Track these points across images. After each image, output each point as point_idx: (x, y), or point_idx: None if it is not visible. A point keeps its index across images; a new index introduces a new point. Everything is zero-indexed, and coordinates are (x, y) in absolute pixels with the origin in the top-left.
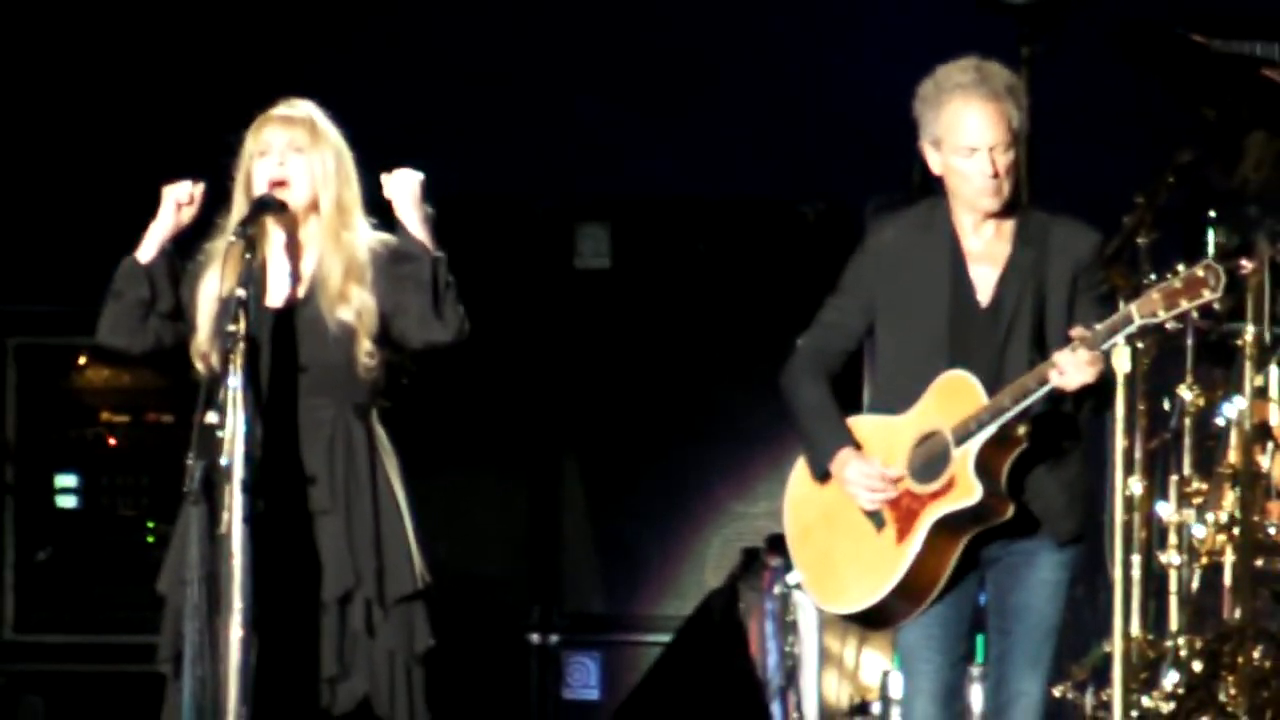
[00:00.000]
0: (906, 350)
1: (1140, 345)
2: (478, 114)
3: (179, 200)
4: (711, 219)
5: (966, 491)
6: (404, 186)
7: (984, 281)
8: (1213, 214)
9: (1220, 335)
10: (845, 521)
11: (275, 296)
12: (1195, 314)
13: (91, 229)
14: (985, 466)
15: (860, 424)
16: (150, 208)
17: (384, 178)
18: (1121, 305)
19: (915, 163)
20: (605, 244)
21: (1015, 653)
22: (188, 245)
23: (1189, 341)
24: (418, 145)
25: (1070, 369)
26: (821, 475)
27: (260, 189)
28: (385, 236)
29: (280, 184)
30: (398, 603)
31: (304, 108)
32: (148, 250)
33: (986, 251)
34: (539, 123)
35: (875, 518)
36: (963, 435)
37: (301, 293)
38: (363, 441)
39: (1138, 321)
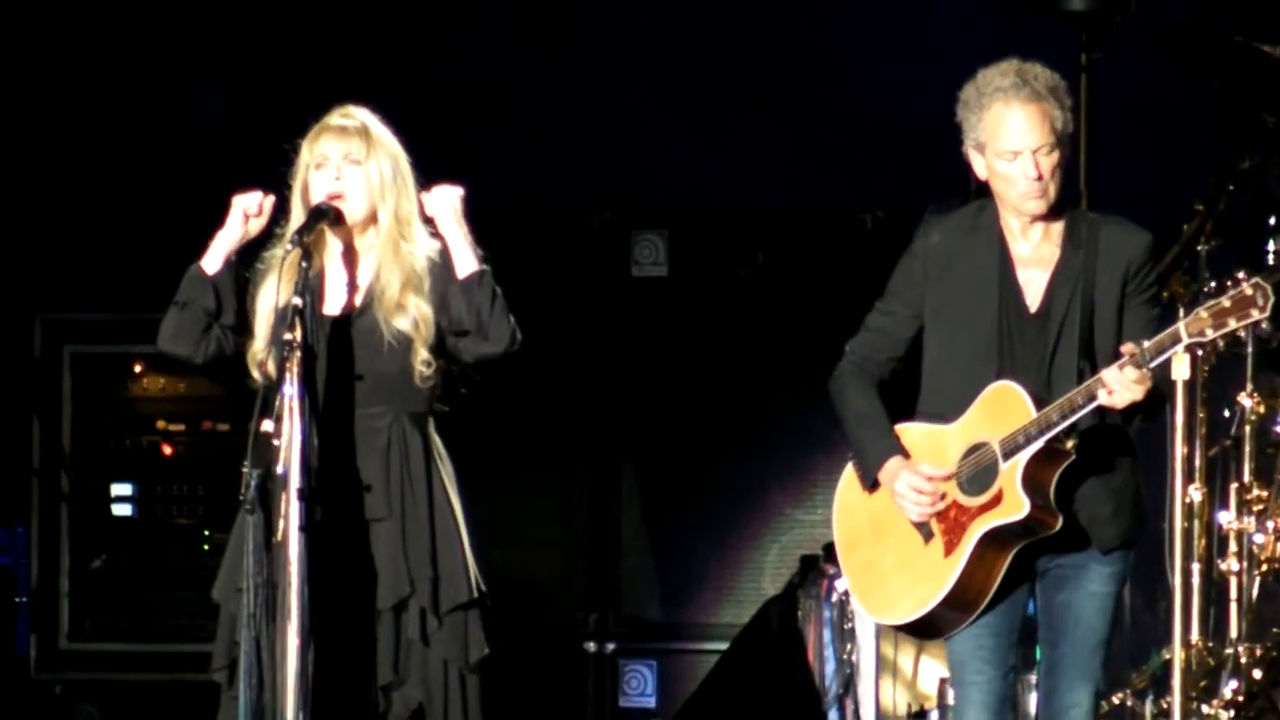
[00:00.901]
0: (954, 355)
1: (1200, 352)
2: (536, 125)
3: (248, 211)
4: (769, 228)
5: (1015, 506)
6: (445, 202)
7: (1033, 286)
8: (1273, 221)
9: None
10: (893, 531)
11: (333, 305)
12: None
13: (148, 237)
14: (1033, 480)
15: (908, 432)
16: (207, 216)
17: (423, 195)
18: (1182, 313)
19: (971, 170)
20: (663, 252)
21: (1065, 665)
22: (246, 253)
23: (1249, 349)
24: (476, 156)
25: (1118, 387)
26: (871, 484)
27: (317, 199)
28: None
29: (337, 197)
30: (452, 611)
31: (359, 116)
32: (214, 260)
33: (1035, 255)
34: (597, 133)
35: (923, 529)
36: (1011, 449)
37: (359, 302)
38: (419, 450)
39: (1185, 341)
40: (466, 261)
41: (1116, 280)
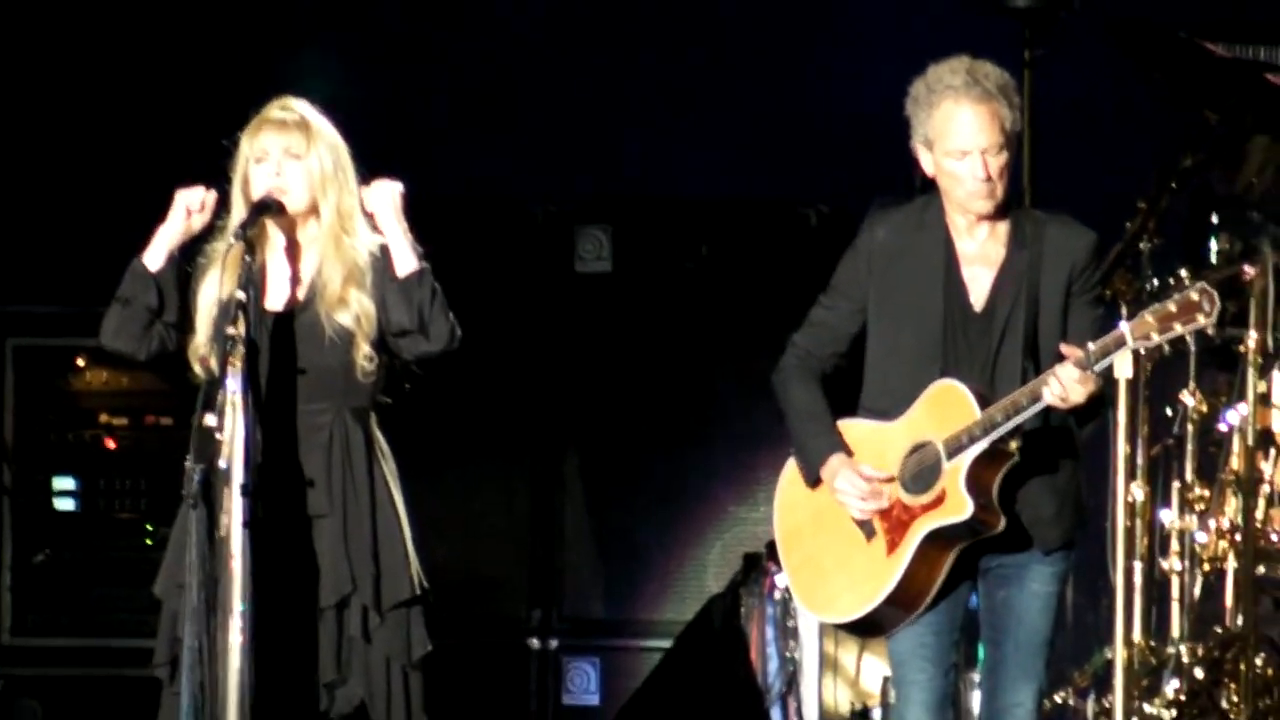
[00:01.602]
0: (898, 352)
1: (1143, 351)
2: (478, 117)
3: (190, 206)
4: (713, 221)
5: (958, 507)
6: (385, 198)
7: (978, 284)
8: (1215, 219)
9: (1223, 341)
10: (835, 528)
11: (274, 299)
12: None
13: (91, 230)
14: (976, 481)
15: (851, 429)
16: (150, 209)
17: (364, 190)
18: (1124, 310)
19: (918, 165)
20: (606, 247)
21: (1007, 664)
22: (187, 247)
23: (1192, 347)
24: (418, 148)
25: (1063, 387)
26: (813, 480)
27: (259, 194)
28: (383, 239)
29: (279, 192)
30: (394, 608)
31: (299, 109)
32: (156, 256)
33: (980, 253)
34: (539, 125)
35: (865, 527)
36: (954, 448)
37: (301, 296)
38: (361, 446)
39: (1130, 344)
40: (406, 259)
41: (1061, 280)
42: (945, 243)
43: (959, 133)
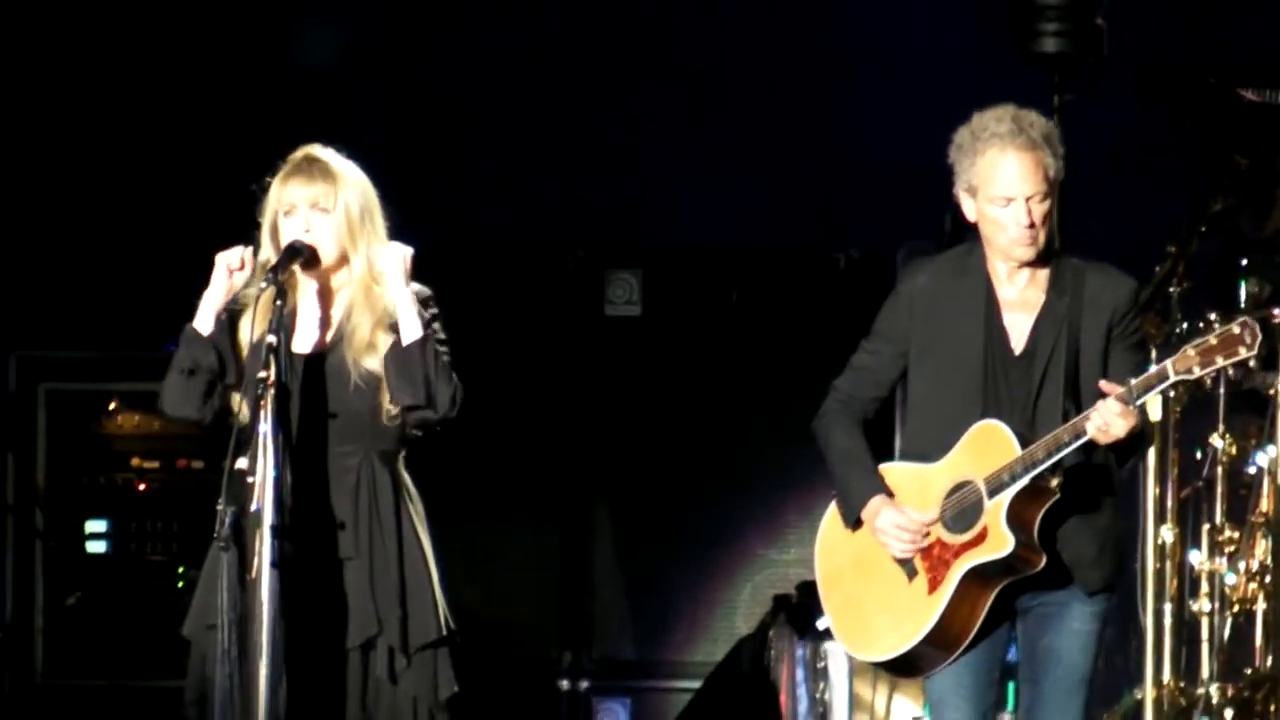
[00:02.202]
0: (939, 396)
1: (1172, 394)
2: (510, 162)
3: (230, 266)
4: (743, 266)
5: (999, 543)
6: (394, 262)
7: (1018, 329)
8: (1245, 263)
9: (1253, 384)
10: (876, 569)
11: (303, 343)
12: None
13: (123, 275)
14: (1018, 518)
15: (892, 471)
16: (180, 255)
17: (372, 252)
18: (1154, 354)
19: (947, 211)
20: (636, 291)
21: (1045, 703)
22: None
23: (1221, 390)
24: (449, 194)
25: (1105, 423)
26: (853, 522)
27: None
28: (413, 285)
29: (308, 246)
30: (421, 650)
31: (325, 158)
32: (206, 320)
33: (1021, 299)
34: (571, 171)
35: (906, 566)
36: (995, 486)
37: (329, 339)
38: (388, 488)
39: (1173, 378)
40: (411, 326)
41: (1101, 325)
42: (986, 288)
43: (1003, 180)
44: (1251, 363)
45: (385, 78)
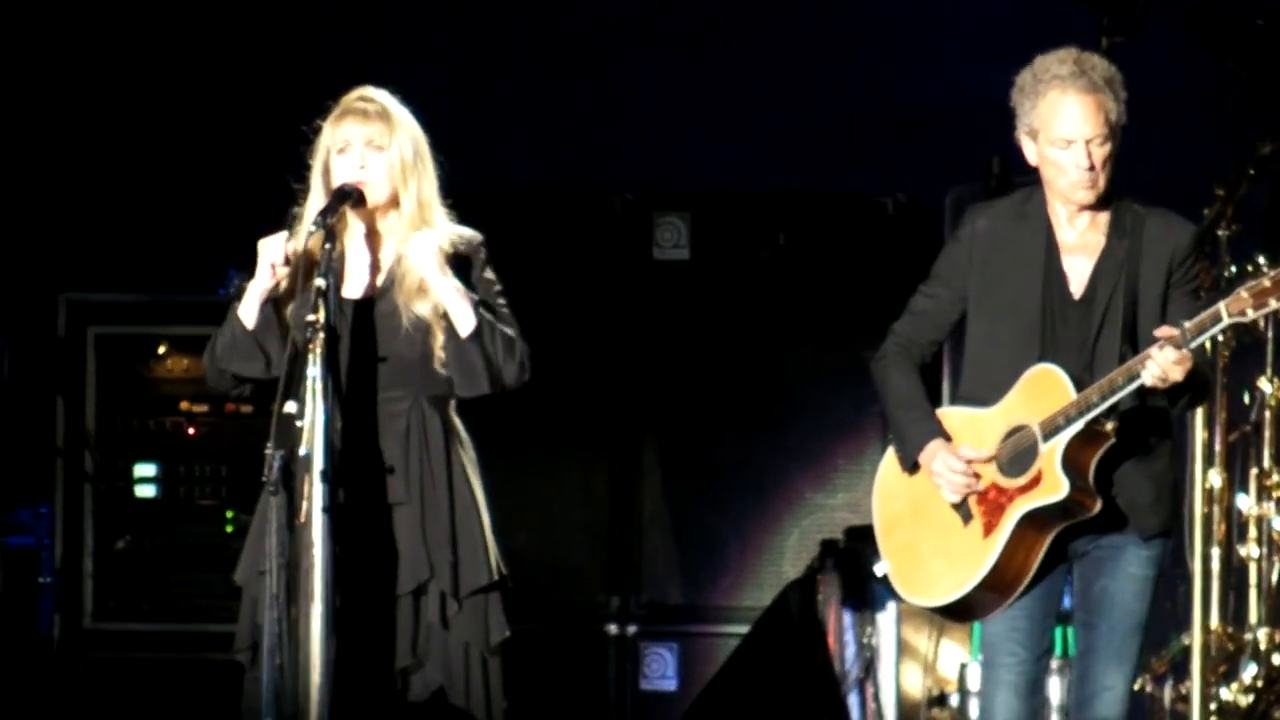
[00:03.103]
0: (998, 339)
1: (1220, 337)
2: (557, 107)
3: (274, 261)
4: (790, 211)
5: (1053, 487)
6: (425, 256)
7: (1077, 272)
8: None
9: None
10: (932, 514)
11: (353, 288)
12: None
13: (171, 218)
14: (1072, 462)
15: (949, 415)
16: (229, 197)
17: (402, 250)
18: (1203, 297)
19: (994, 155)
20: (684, 235)
21: (1101, 647)
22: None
23: (1269, 334)
24: (496, 138)
25: (1160, 367)
26: (911, 467)
27: (340, 183)
28: (464, 230)
29: (361, 183)
30: (472, 595)
31: (381, 99)
32: (250, 311)
33: (1080, 242)
34: (617, 116)
35: (962, 511)
36: (1050, 430)
37: (379, 284)
38: (439, 433)
39: (1226, 320)
40: (464, 317)
41: (1161, 270)
42: (1046, 232)
43: (1065, 122)
44: None
45: (432, 23)
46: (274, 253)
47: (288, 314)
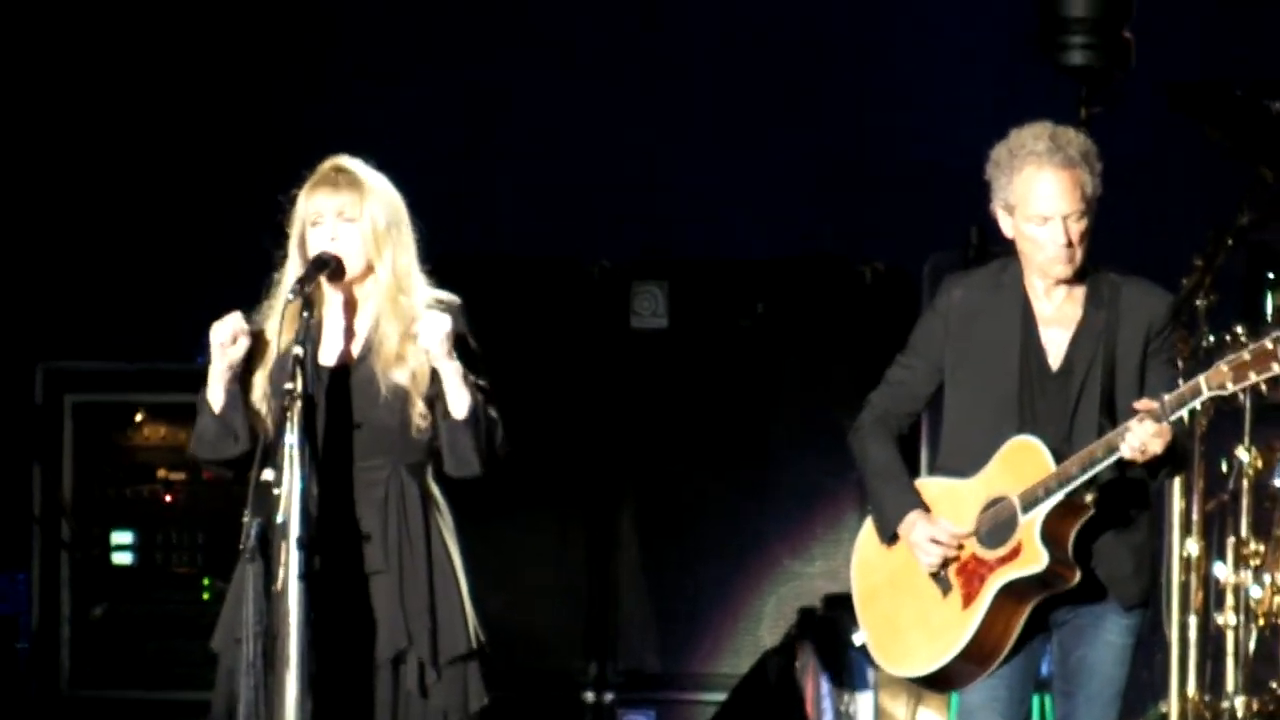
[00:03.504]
0: (975, 411)
1: (1198, 407)
2: (536, 175)
3: (223, 343)
4: (769, 279)
5: (1033, 558)
6: (434, 336)
7: (1055, 344)
8: (1271, 276)
9: (1277, 398)
10: (912, 585)
11: (330, 355)
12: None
13: (149, 287)
14: (1052, 533)
15: (928, 486)
16: (207, 265)
17: (414, 327)
18: (1180, 367)
19: (973, 223)
20: (663, 304)
21: (1080, 716)
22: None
23: (1246, 403)
24: (476, 206)
25: (1139, 440)
26: (890, 538)
27: (314, 253)
28: (442, 295)
29: (334, 256)
30: (451, 663)
31: (353, 169)
32: (216, 393)
33: (1057, 314)
34: (596, 183)
35: (941, 582)
36: (1030, 502)
37: (356, 352)
38: (416, 501)
39: (1206, 394)
40: (459, 399)
41: (1139, 341)
42: (1023, 303)
43: (1041, 198)
44: None
45: (407, 83)
46: (222, 334)
47: (253, 394)
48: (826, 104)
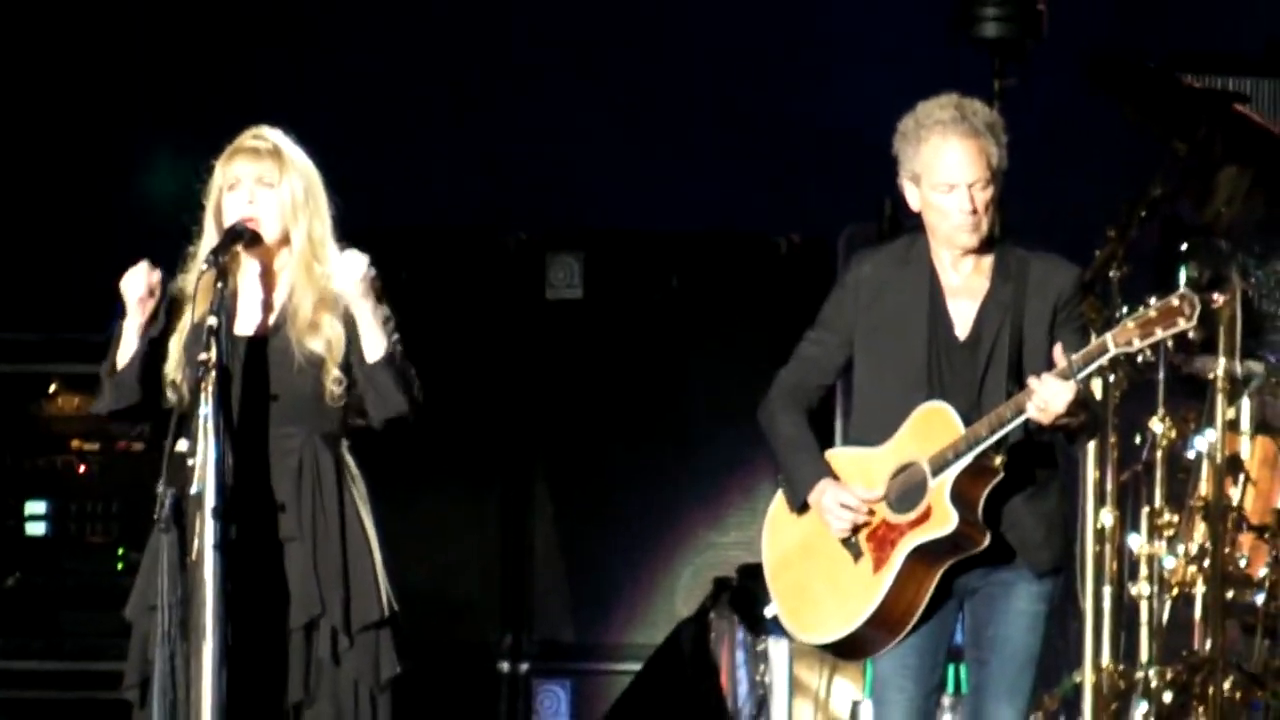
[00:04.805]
0: (884, 383)
1: (1113, 378)
2: (451, 144)
3: (141, 298)
4: (684, 250)
5: (942, 520)
6: (351, 275)
7: (962, 315)
8: (1184, 248)
9: (1191, 369)
10: (823, 552)
11: (245, 325)
12: (1171, 344)
13: (63, 256)
14: (961, 496)
15: (838, 456)
16: (123, 235)
17: (331, 266)
18: (1093, 338)
19: (887, 195)
20: (578, 274)
21: (993, 683)
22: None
23: (1161, 375)
24: (391, 176)
25: (1045, 400)
26: (800, 507)
27: (231, 221)
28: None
29: (250, 220)
30: (363, 630)
31: (272, 138)
32: (127, 350)
33: (965, 286)
34: (512, 154)
35: (852, 548)
36: (939, 465)
37: (272, 321)
38: (331, 470)
39: (1113, 350)
40: (374, 342)
41: (1045, 312)
42: (930, 276)
43: (947, 167)
44: (1191, 334)
45: (328, 56)
46: (137, 285)
47: (168, 364)
48: (742, 77)
